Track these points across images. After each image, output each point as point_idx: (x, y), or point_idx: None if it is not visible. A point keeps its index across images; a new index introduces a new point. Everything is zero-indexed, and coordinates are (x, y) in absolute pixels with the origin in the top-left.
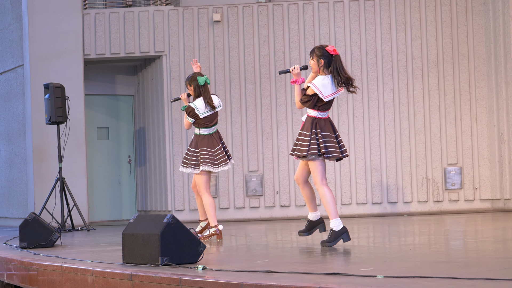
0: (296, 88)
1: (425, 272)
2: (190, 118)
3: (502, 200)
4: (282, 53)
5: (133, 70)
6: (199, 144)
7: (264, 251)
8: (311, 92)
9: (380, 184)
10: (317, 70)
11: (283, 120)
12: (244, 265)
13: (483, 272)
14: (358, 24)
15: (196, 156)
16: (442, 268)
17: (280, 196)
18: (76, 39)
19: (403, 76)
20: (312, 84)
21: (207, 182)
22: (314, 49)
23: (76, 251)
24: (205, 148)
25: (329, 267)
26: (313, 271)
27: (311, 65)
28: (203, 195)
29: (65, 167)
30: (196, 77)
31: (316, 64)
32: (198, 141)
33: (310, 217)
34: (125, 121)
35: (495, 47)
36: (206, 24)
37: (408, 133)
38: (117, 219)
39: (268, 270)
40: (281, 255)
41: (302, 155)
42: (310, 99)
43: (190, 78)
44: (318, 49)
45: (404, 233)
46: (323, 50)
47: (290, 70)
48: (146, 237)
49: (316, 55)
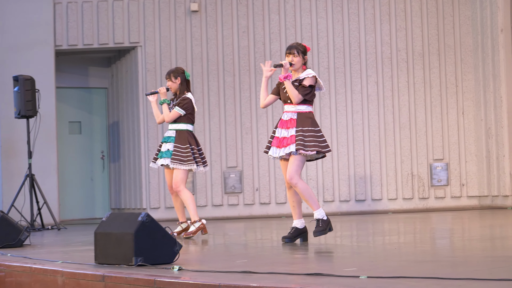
0: (287, 83)
1: (410, 272)
2: (182, 110)
3: (489, 197)
4: (262, 44)
5: (106, 62)
6: (190, 140)
7: (243, 250)
8: (313, 82)
9: (363, 181)
10: (300, 66)
11: (263, 114)
12: (222, 266)
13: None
14: (341, 15)
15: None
16: (428, 268)
17: (260, 193)
18: (47, 29)
19: (387, 68)
20: (314, 74)
21: (186, 178)
22: (297, 46)
23: (46, 251)
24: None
25: (311, 267)
26: (294, 271)
27: (295, 62)
28: (182, 190)
29: (35, 163)
30: (183, 71)
31: (301, 61)
32: (188, 137)
33: (297, 225)
34: (98, 115)
35: (482, 38)
36: (183, 14)
37: (392, 128)
38: (89, 217)
39: (247, 271)
40: (261, 255)
41: (327, 150)
42: (311, 91)
43: (175, 71)
44: (300, 45)
45: (388, 232)
46: (304, 47)
47: (283, 64)
48: (120, 236)
49: (301, 52)
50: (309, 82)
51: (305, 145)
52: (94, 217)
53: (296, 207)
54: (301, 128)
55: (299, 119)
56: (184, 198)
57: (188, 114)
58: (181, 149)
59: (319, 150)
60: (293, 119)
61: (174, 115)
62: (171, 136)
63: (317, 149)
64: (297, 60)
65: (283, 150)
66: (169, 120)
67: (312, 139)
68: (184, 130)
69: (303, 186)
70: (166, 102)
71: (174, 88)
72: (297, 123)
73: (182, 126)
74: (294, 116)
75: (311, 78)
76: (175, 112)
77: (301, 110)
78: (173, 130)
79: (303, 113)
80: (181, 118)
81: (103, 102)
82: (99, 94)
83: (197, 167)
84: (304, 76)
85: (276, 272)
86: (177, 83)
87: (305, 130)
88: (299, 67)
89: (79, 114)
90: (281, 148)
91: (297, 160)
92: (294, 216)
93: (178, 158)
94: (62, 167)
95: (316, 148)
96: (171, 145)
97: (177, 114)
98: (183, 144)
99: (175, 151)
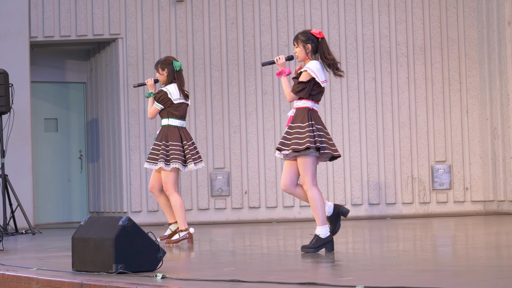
0: (283, 80)
1: (410, 282)
2: (159, 104)
3: (495, 202)
4: (252, 37)
5: (85, 55)
6: (169, 137)
7: (230, 257)
8: (306, 77)
9: (360, 184)
10: (304, 57)
11: (253, 112)
12: (208, 274)
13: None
14: (337, 5)
15: (166, 151)
16: (429, 277)
17: (249, 196)
18: (22, 19)
19: (386, 63)
20: (308, 68)
21: (176, 181)
22: (297, 35)
23: (19, 257)
24: (175, 142)
25: (303, 276)
26: (285, 280)
27: (297, 54)
28: (172, 194)
29: (8, 163)
30: (172, 61)
31: (303, 51)
32: (168, 133)
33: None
34: (76, 112)
35: (488, 31)
36: (167, 4)
37: (391, 127)
38: (66, 221)
39: (235, 279)
40: (250, 263)
41: (304, 148)
42: (306, 87)
43: (163, 61)
44: (302, 34)
45: (387, 238)
46: (308, 34)
47: (275, 61)
48: (99, 242)
49: (301, 41)
50: (303, 77)
51: (284, 143)
52: (72, 221)
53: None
54: (291, 125)
55: (295, 115)
56: (174, 204)
57: (168, 108)
58: (156, 146)
59: (295, 148)
60: (292, 116)
61: (153, 110)
62: None
63: (293, 148)
64: (298, 51)
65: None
66: (151, 116)
67: (294, 137)
68: (165, 126)
69: (315, 195)
70: (151, 95)
71: (162, 80)
72: (293, 120)
73: (163, 122)
74: (293, 113)
75: (305, 73)
76: (153, 107)
77: (298, 106)
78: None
79: (300, 109)
80: (161, 113)
81: (81, 98)
82: (77, 89)
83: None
84: (304, 69)
85: (266, 281)
86: (164, 74)
87: (293, 127)
88: (302, 58)
89: (56, 111)
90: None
91: (301, 163)
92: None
93: (151, 156)
94: (37, 167)
95: (293, 146)
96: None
97: (155, 110)
98: (158, 141)
99: (151, 149)
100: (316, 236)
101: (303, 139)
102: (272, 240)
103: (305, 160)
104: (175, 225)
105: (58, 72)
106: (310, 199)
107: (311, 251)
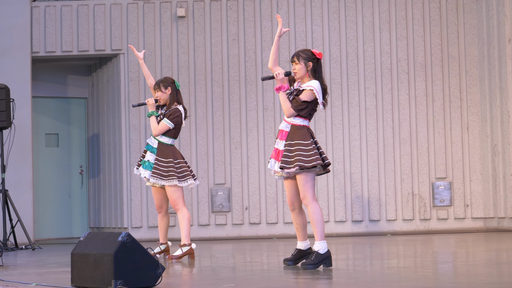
0: (281, 95)
1: None
2: (171, 122)
3: (495, 219)
4: (253, 53)
5: (86, 70)
6: (176, 154)
7: (230, 274)
8: (311, 97)
9: (361, 200)
10: (304, 74)
11: (254, 128)
12: None
13: None
14: (338, 22)
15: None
16: None
17: (250, 212)
18: (24, 34)
19: (387, 80)
20: (313, 88)
21: (183, 196)
22: (298, 52)
23: (19, 273)
24: (181, 159)
25: None
26: None
27: (296, 70)
28: (181, 209)
29: (9, 178)
30: (174, 80)
31: (304, 68)
32: (173, 151)
33: (300, 246)
34: (77, 127)
35: (488, 49)
36: (169, 19)
37: (392, 144)
38: (66, 236)
39: None
40: (250, 279)
41: (311, 165)
42: (308, 106)
43: (164, 80)
44: (304, 52)
45: (387, 255)
46: (310, 53)
47: (274, 76)
48: (98, 258)
49: (303, 58)
50: (306, 97)
51: (288, 161)
52: (71, 236)
53: (300, 229)
54: (290, 142)
55: (291, 131)
56: (180, 217)
57: (175, 129)
58: (162, 163)
59: (301, 166)
60: (285, 131)
61: (163, 127)
62: (154, 147)
63: (299, 164)
64: (299, 68)
65: (276, 164)
66: (157, 134)
67: (297, 153)
68: (167, 144)
69: (315, 209)
70: (154, 114)
71: (164, 99)
72: (288, 136)
73: (165, 140)
74: (287, 128)
75: (308, 92)
76: (164, 124)
77: (294, 123)
78: (156, 141)
79: (297, 126)
80: (167, 132)
81: (82, 113)
82: (78, 104)
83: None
84: (304, 87)
85: None
86: (167, 93)
87: (293, 144)
88: (302, 75)
89: (57, 126)
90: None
91: (302, 178)
92: (298, 238)
93: (158, 172)
94: (37, 182)
95: (298, 163)
96: (153, 157)
97: (166, 127)
98: (165, 158)
99: (156, 165)
100: (315, 253)
101: (309, 157)
102: (273, 256)
103: (306, 176)
104: (165, 245)
105: (59, 87)
106: (310, 214)
107: (310, 268)
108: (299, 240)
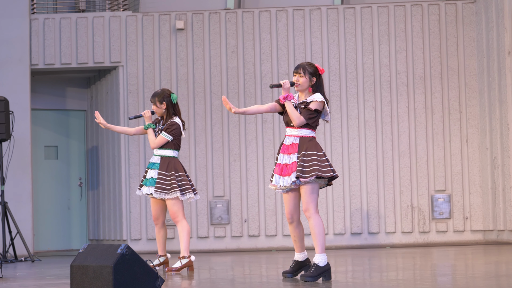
0: (288, 105)
1: None
2: (169, 136)
3: (495, 232)
4: (252, 65)
5: (85, 83)
6: (178, 167)
7: (229, 286)
8: (321, 107)
9: (360, 213)
10: (307, 88)
11: (253, 140)
12: None
13: None
14: (337, 34)
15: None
16: None
17: (249, 224)
18: (22, 46)
19: (386, 92)
20: (322, 99)
21: (183, 208)
22: (304, 65)
23: (18, 285)
24: (183, 172)
25: None
26: None
27: (300, 82)
28: (181, 221)
29: (8, 190)
30: (169, 94)
31: (308, 82)
32: (175, 164)
33: (298, 258)
34: (76, 139)
35: (488, 61)
36: (168, 32)
37: (391, 156)
38: (66, 249)
39: None
40: None
41: (329, 176)
42: (316, 116)
43: (160, 94)
44: (310, 66)
45: (386, 267)
46: (314, 68)
47: (281, 84)
48: (97, 270)
49: (309, 72)
50: (316, 106)
51: (304, 171)
52: (71, 248)
53: (298, 241)
54: (303, 152)
55: (301, 143)
56: (180, 229)
57: (175, 140)
58: (165, 177)
59: (319, 175)
60: (295, 143)
61: (161, 141)
62: (156, 163)
63: (317, 173)
64: (303, 81)
65: (286, 179)
66: (155, 146)
67: (313, 163)
68: (170, 157)
69: (317, 222)
70: (151, 127)
71: (160, 113)
72: (299, 147)
73: (168, 153)
74: (296, 141)
75: (319, 102)
76: (162, 137)
77: (304, 135)
78: (158, 156)
79: (306, 138)
80: (167, 144)
81: (81, 126)
82: (77, 116)
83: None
84: (312, 99)
85: None
86: (162, 108)
87: (307, 154)
88: (305, 88)
89: (56, 138)
90: (285, 176)
91: (308, 189)
92: (296, 249)
93: (162, 186)
94: (37, 194)
95: (315, 172)
96: (156, 172)
97: (164, 140)
98: (167, 172)
99: (159, 179)
100: (315, 265)
101: (325, 167)
102: (272, 268)
103: (312, 187)
104: (163, 257)
105: (58, 100)
106: (312, 226)
107: (310, 280)
108: (297, 252)
